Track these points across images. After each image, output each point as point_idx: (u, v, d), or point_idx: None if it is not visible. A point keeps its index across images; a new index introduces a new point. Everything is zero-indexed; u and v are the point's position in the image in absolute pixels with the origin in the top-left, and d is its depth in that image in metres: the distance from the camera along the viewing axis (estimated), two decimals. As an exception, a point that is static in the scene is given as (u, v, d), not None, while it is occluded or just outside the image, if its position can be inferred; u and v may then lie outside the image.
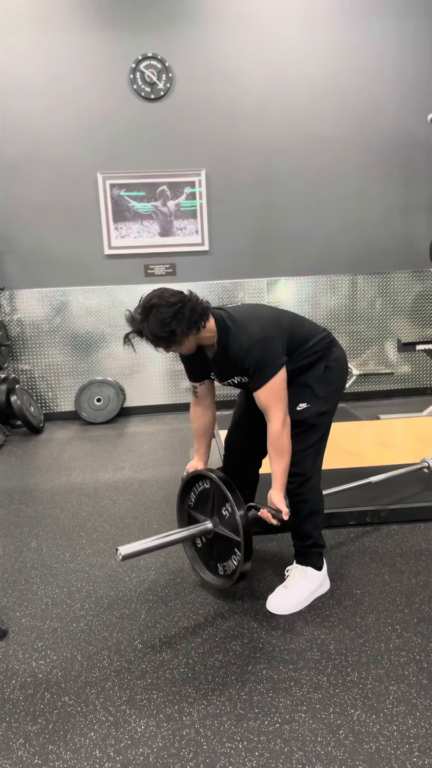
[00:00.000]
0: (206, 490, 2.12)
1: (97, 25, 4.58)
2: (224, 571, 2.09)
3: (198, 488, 2.17)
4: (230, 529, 2.00)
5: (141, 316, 1.81)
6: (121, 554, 1.86)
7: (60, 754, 1.47)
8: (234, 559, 2.01)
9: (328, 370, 2.05)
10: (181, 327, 1.79)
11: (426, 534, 2.54)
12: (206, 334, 1.90)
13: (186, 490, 2.21)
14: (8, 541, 2.69)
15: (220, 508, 2.04)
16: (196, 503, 2.19)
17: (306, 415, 1.99)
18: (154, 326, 1.78)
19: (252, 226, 4.98)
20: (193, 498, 2.20)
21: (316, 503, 2.06)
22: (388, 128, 4.95)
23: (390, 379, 5.29)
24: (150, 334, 1.80)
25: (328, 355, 2.06)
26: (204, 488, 2.14)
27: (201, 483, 2.15)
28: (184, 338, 1.83)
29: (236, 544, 1.96)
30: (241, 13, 4.68)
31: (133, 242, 4.88)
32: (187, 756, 1.44)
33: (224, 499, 1.99)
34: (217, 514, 2.06)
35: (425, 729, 1.49)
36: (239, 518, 1.91)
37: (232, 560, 2.03)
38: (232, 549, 2.01)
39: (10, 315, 4.86)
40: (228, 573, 2.07)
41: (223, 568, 2.10)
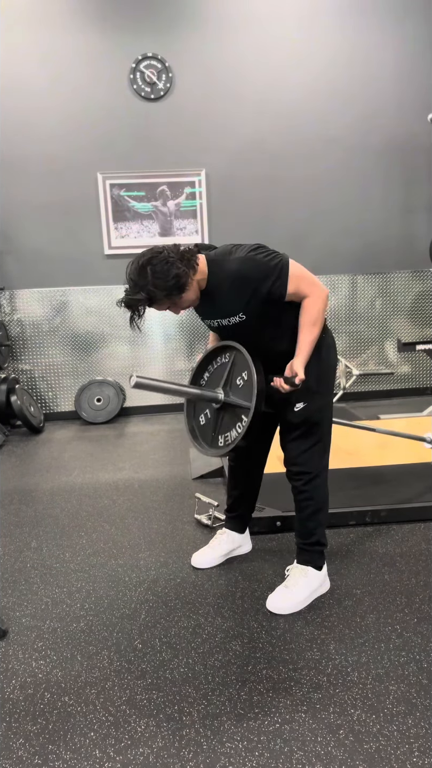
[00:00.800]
0: (222, 366, 2.06)
1: (97, 25, 4.58)
2: (224, 442, 2.04)
3: (215, 364, 2.11)
4: (242, 396, 1.95)
5: (140, 278, 1.77)
6: (135, 381, 1.83)
7: (60, 754, 1.47)
8: (238, 427, 1.96)
9: (320, 362, 1.98)
10: (181, 267, 1.76)
11: (426, 534, 2.53)
12: (200, 276, 1.86)
13: (202, 366, 2.15)
14: (8, 541, 2.69)
15: (235, 378, 1.99)
16: (209, 382, 2.13)
17: (306, 414, 1.97)
18: (158, 279, 1.75)
19: (252, 226, 4.98)
20: (207, 377, 2.15)
21: (321, 501, 2.05)
22: (388, 128, 4.96)
23: (390, 379, 5.30)
24: (157, 288, 1.76)
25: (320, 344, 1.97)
26: (221, 363, 2.08)
27: (220, 358, 2.09)
28: (188, 279, 1.79)
29: (244, 411, 1.92)
30: (241, 13, 4.68)
31: (133, 242, 4.89)
32: (187, 756, 1.44)
33: (243, 367, 1.94)
34: (231, 384, 2.01)
35: (425, 729, 1.49)
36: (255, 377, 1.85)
37: (235, 429, 1.98)
38: (238, 417, 1.97)
39: (10, 315, 4.86)
40: (228, 442, 2.01)
41: (224, 438, 2.04)
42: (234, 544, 2.36)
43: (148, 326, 4.90)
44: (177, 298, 1.82)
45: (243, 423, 1.93)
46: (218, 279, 1.87)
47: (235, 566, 2.33)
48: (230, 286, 1.85)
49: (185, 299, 1.85)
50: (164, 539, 2.61)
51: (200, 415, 2.16)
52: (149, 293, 1.77)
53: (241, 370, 1.97)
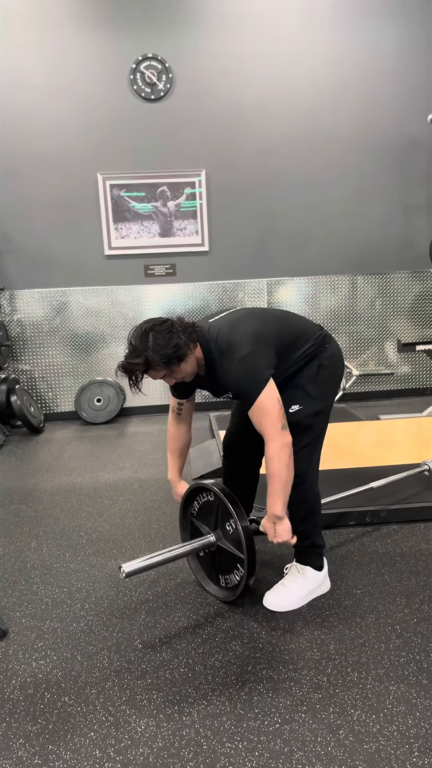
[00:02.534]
0: (209, 503, 2.11)
1: (98, 26, 4.58)
2: (226, 584, 2.09)
3: (201, 499, 2.16)
4: (233, 544, 1.99)
5: (141, 343, 1.79)
6: (124, 572, 1.86)
7: (60, 754, 1.47)
8: (236, 573, 2.01)
9: (321, 369, 1.99)
10: (183, 338, 1.79)
11: (426, 534, 2.53)
12: (198, 354, 1.89)
13: (189, 500, 2.20)
14: (8, 541, 2.69)
15: (224, 522, 2.03)
16: (200, 512, 2.18)
17: (299, 417, 1.96)
18: (158, 346, 1.77)
19: (252, 227, 4.98)
20: (197, 507, 2.19)
21: (312, 504, 2.05)
22: (388, 128, 4.96)
23: (390, 380, 5.29)
24: (156, 354, 1.77)
25: (322, 352, 2.00)
26: (207, 500, 2.13)
27: (204, 495, 2.14)
28: (188, 350, 1.82)
29: (239, 559, 1.96)
30: (241, 13, 4.68)
31: (133, 242, 4.89)
32: (187, 756, 1.44)
33: (227, 513, 1.98)
34: (221, 528, 2.05)
35: (425, 729, 1.49)
36: (242, 534, 1.89)
37: (234, 574, 2.03)
38: (234, 563, 2.01)
39: (10, 315, 4.86)
40: (230, 586, 2.07)
41: (225, 580, 2.09)
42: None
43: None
44: (175, 366, 1.83)
45: (240, 572, 1.97)
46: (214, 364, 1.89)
47: (235, 566, 2.33)
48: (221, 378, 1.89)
49: (182, 370, 1.86)
50: (164, 539, 2.61)
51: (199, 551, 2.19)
52: (147, 358, 1.79)
53: (228, 516, 2.00)
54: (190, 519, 2.23)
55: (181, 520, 2.24)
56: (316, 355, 1.99)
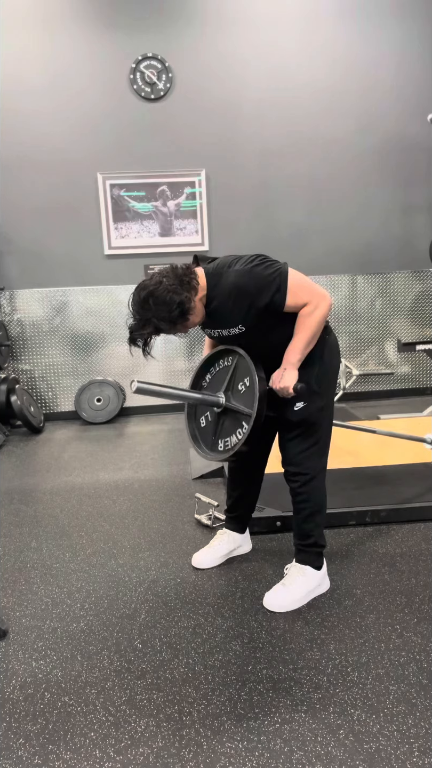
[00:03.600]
0: (225, 369, 2.07)
1: (98, 25, 4.58)
2: (224, 446, 2.05)
3: (217, 367, 2.12)
4: (243, 402, 1.95)
5: (144, 312, 1.78)
6: (136, 386, 1.84)
7: (60, 754, 1.47)
8: (238, 433, 1.97)
9: (322, 363, 1.98)
10: (183, 293, 1.77)
11: (426, 534, 2.53)
12: (201, 293, 1.86)
13: (204, 368, 2.16)
14: (8, 541, 2.69)
15: (237, 383, 2.00)
16: (210, 384, 2.14)
17: (305, 414, 1.97)
18: (161, 310, 1.76)
19: (252, 226, 4.98)
20: (208, 379, 2.15)
21: (318, 503, 2.05)
22: (388, 128, 4.96)
23: (390, 379, 5.30)
24: (162, 319, 1.76)
25: (323, 345, 1.98)
26: (223, 367, 2.08)
27: (221, 362, 2.10)
28: (191, 303, 1.80)
29: (245, 417, 1.93)
30: (241, 13, 4.68)
31: (133, 242, 4.89)
32: (187, 756, 1.44)
33: (245, 372, 1.95)
34: (232, 389, 2.02)
35: (425, 729, 1.49)
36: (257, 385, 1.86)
37: (235, 435, 1.99)
38: (239, 423, 1.97)
39: (10, 315, 4.86)
40: (228, 448, 2.02)
41: (224, 443, 2.05)
42: (234, 544, 2.36)
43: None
44: (182, 323, 1.83)
45: (244, 429, 1.93)
46: (217, 292, 1.87)
47: (235, 566, 2.33)
48: (228, 299, 1.85)
49: (191, 322, 1.87)
50: (164, 539, 2.61)
51: (201, 417, 2.17)
52: (155, 325, 1.78)
53: (243, 376, 1.97)
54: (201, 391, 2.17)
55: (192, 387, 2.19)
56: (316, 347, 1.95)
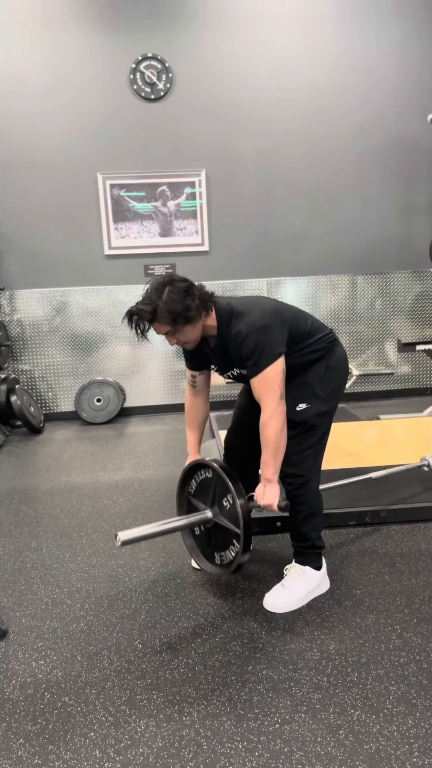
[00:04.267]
0: (207, 480, 2.11)
1: (98, 26, 4.58)
2: (221, 561, 2.08)
3: (199, 477, 2.16)
4: (230, 520, 1.98)
5: (155, 293, 1.80)
6: (120, 540, 1.85)
7: (60, 754, 1.47)
8: (232, 550, 2.00)
9: (329, 371, 2.02)
10: (194, 302, 1.80)
11: (426, 534, 2.53)
12: (209, 323, 1.90)
13: (187, 477, 2.20)
14: (8, 541, 2.69)
15: (221, 498, 2.03)
16: (197, 491, 2.18)
17: (306, 416, 1.98)
18: (169, 301, 1.78)
19: (252, 226, 4.98)
20: (194, 486, 2.19)
21: (314, 505, 2.05)
22: (388, 128, 4.96)
23: (390, 380, 5.29)
24: (166, 308, 1.78)
25: (330, 354, 2.04)
26: (205, 477, 2.12)
27: (203, 472, 2.14)
28: (196, 316, 1.83)
29: (235, 535, 1.95)
30: (241, 13, 4.68)
31: (133, 242, 4.89)
32: (187, 756, 1.44)
33: (225, 489, 1.98)
34: (218, 504, 2.05)
35: (425, 729, 1.49)
36: (239, 509, 1.89)
37: (229, 551, 2.02)
38: (230, 540, 2.00)
39: (10, 315, 4.86)
40: (225, 563, 2.06)
41: (220, 557, 2.09)
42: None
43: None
44: (180, 326, 1.84)
45: (236, 548, 1.97)
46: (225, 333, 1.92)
47: (235, 566, 2.33)
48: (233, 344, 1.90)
49: (187, 333, 1.87)
50: (164, 539, 2.61)
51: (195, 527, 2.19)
52: (156, 309, 1.79)
53: (225, 492, 2.00)
54: (187, 498, 2.22)
55: (179, 497, 2.23)
56: (324, 356, 2.01)
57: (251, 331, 1.83)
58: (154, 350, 5.02)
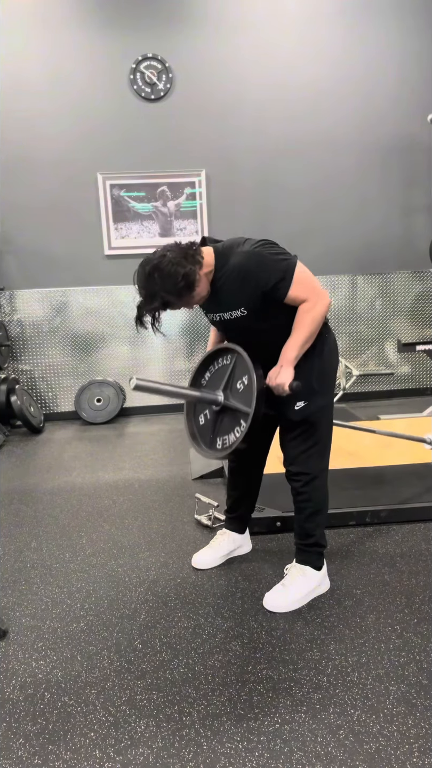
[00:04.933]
0: (224, 368, 2.07)
1: (98, 26, 4.58)
2: (222, 444, 2.05)
3: (216, 365, 2.12)
4: (241, 401, 1.95)
5: (151, 286, 1.77)
6: (135, 383, 1.84)
7: (60, 754, 1.47)
8: (237, 431, 1.97)
9: (322, 361, 1.97)
10: (188, 266, 1.76)
11: (426, 534, 2.53)
12: (207, 268, 1.86)
13: (204, 366, 2.16)
14: (8, 541, 2.69)
15: (236, 381, 2.00)
16: (209, 383, 2.14)
17: (306, 413, 1.96)
18: (167, 283, 1.76)
19: (252, 227, 4.97)
20: (207, 377, 2.15)
21: (320, 502, 2.05)
22: (388, 128, 4.96)
23: (390, 380, 5.29)
24: (169, 292, 1.76)
25: (323, 343, 1.97)
26: (222, 365, 2.08)
27: (221, 360, 2.10)
28: (196, 276, 1.79)
29: (243, 415, 1.93)
30: (241, 13, 4.68)
31: (133, 242, 4.89)
32: (187, 756, 1.44)
33: (243, 371, 1.95)
34: (230, 388, 2.02)
35: (425, 729, 1.49)
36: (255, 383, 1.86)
37: (233, 433, 1.99)
38: (237, 421, 1.97)
39: (10, 315, 4.86)
40: (227, 446, 2.02)
41: (222, 441, 2.05)
42: (234, 544, 2.36)
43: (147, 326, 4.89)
44: (188, 296, 1.82)
45: (242, 428, 1.93)
46: (224, 271, 1.87)
47: (235, 567, 2.33)
48: (234, 279, 1.85)
49: (197, 295, 1.86)
50: (164, 539, 2.61)
51: (200, 415, 2.17)
52: (162, 298, 1.78)
53: (242, 374, 1.97)
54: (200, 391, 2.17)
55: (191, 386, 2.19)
56: (315, 344, 1.94)
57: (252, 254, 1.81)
58: (154, 350, 5.02)
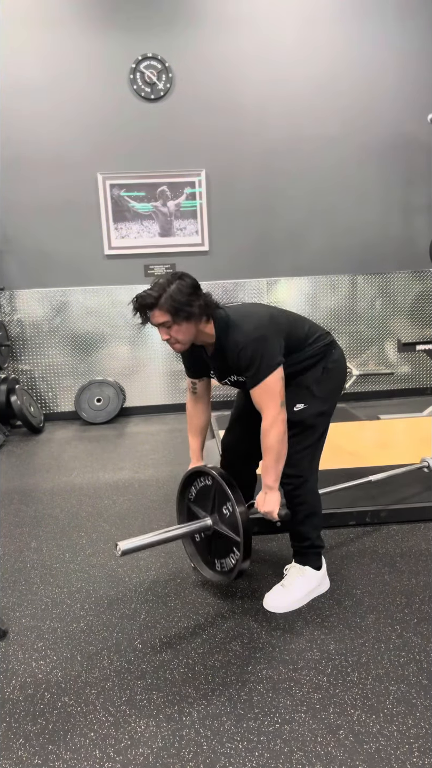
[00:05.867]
0: (207, 487, 2.12)
1: (98, 26, 4.58)
2: (221, 568, 2.10)
3: (199, 484, 2.17)
4: (230, 528, 1.99)
5: (167, 283, 1.83)
6: (120, 550, 1.86)
7: (60, 754, 1.47)
8: (232, 557, 2.01)
9: (327, 371, 2.04)
10: (199, 301, 1.83)
11: (426, 534, 2.54)
12: (207, 330, 1.92)
13: (186, 484, 2.21)
14: (8, 541, 2.69)
15: (221, 506, 2.04)
16: (197, 498, 2.19)
17: (303, 416, 1.99)
18: (176, 292, 1.81)
19: (252, 226, 4.98)
20: (194, 492, 2.20)
21: (313, 505, 2.06)
22: (388, 128, 4.95)
23: (390, 379, 5.29)
24: (170, 298, 1.80)
25: (328, 356, 2.06)
26: (205, 485, 2.13)
27: (202, 479, 2.15)
28: (197, 316, 1.84)
29: (235, 543, 1.96)
30: (241, 13, 4.68)
31: (133, 242, 4.88)
32: (187, 756, 1.44)
33: (225, 497, 1.99)
34: (218, 512, 2.06)
35: (425, 729, 1.49)
36: (239, 517, 1.90)
37: (230, 558, 2.03)
38: (230, 547, 2.01)
39: (10, 315, 4.86)
40: (225, 570, 2.07)
41: (221, 564, 2.10)
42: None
43: (148, 327, 4.88)
44: (179, 321, 1.84)
45: (236, 555, 1.97)
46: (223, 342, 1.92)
47: (235, 566, 2.33)
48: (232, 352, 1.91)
49: (183, 330, 1.87)
50: (164, 539, 2.61)
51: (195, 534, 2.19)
52: (161, 297, 1.81)
53: (224, 500, 2.01)
54: (187, 504, 2.23)
55: (178, 504, 2.24)
56: (322, 359, 2.04)
57: (248, 342, 1.85)
58: (154, 350, 5.02)
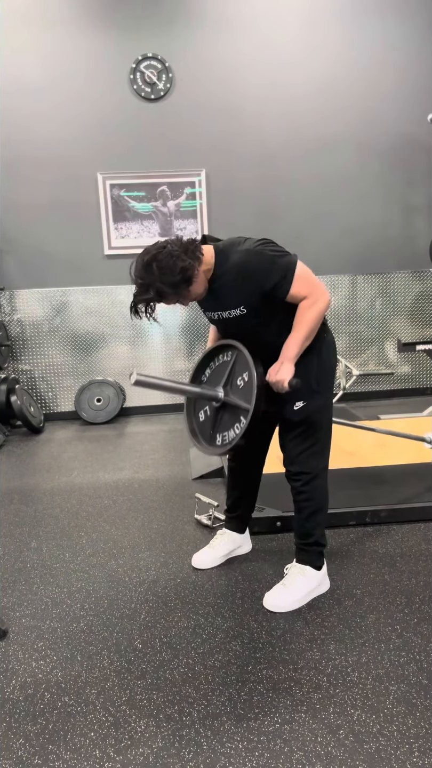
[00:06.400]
0: (224, 364, 2.07)
1: (98, 25, 4.58)
2: (222, 441, 2.05)
3: (217, 362, 2.12)
4: (242, 397, 1.95)
5: (147, 276, 1.75)
6: (135, 377, 1.83)
7: (60, 754, 1.46)
8: (236, 427, 1.97)
9: (320, 361, 1.97)
10: (187, 259, 1.75)
11: (426, 534, 2.53)
12: (205, 267, 1.85)
13: (204, 362, 2.16)
14: (8, 541, 2.69)
15: (237, 377, 2.00)
16: (210, 379, 2.14)
17: (305, 414, 1.96)
18: (164, 274, 1.74)
19: (252, 226, 4.97)
20: (208, 374, 2.15)
21: (320, 502, 2.05)
22: (388, 128, 4.96)
23: (390, 379, 5.30)
24: (165, 284, 1.75)
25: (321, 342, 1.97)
26: (223, 362, 2.08)
27: (222, 356, 2.09)
28: (195, 271, 1.78)
29: (243, 412, 1.93)
30: (241, 13, 4.68)
31: (133, 242, 4.89)
32: (187, 756, 1.44)
33: (244, 366, 1.94)
34: (231, 384, 2.02)
35: (425, 729, 1.49)
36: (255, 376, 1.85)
37: (233, 429, 1.99)
38: (237, 417, 1.97)
39: (10, 315, 4.86)
40: (226, 442, 2.02)
41: (222, 437, 2.05)
42: (234, 544, 2.36)
43: (147, 327, 4.90)
44: (185, 291, 1.81)
45: (241, 424, 1.93)
46: (223, 270, 1.86)
47: (235, 566, 2.33)
48: (234, 278, 1.84)
49: (193, 291, 1.84)
50: (164, 539, 2.61)
51: (200, 412, 2.17)
52: (158, 290, 1.76)
53: (242, 371, 1.97)
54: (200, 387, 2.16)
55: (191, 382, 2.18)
56: (313, 345, 1.93)
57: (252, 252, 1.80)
58: (154, 350, 5.02)
